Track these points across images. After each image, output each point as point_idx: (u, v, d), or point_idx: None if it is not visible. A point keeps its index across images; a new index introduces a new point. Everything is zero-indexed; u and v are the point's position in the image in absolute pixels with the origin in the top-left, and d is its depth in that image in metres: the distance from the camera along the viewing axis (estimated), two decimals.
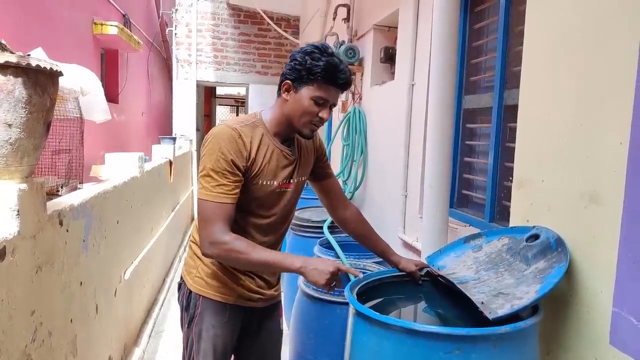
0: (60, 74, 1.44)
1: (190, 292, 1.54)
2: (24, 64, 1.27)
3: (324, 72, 1.37)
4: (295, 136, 1.54)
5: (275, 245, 1.57)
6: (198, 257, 1.55)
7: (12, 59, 1.25)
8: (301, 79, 1.40)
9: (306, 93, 1.40)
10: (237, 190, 1.38)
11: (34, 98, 1.33)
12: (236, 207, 1.41)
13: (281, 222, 1.54)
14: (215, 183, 1.35)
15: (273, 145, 1.46)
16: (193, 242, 1.58)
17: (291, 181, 1.52)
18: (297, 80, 1.41)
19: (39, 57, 1.37)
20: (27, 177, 1.40)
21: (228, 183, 1.35)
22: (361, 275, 1.45)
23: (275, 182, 1.46)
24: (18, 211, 1.32)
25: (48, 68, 1.35)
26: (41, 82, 1.35)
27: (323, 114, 1.42)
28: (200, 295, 1.53)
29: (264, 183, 1.45)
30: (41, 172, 2.23)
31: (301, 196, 3.18)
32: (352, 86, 4.09)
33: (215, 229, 1.33)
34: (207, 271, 1.52)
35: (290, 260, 1.37)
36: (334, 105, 1.45)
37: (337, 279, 1.37)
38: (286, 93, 1.44)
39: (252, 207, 1.46)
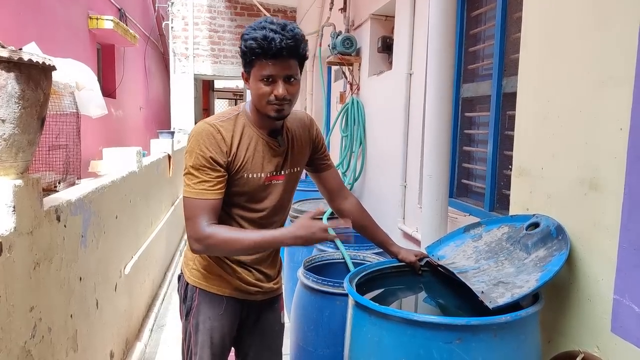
0: (53, 68, 1.43)
1: (188, 284, 1.54)
2: (15, 58, 1.25)
3: (256, 49, 1.27)
4: (285, 126, 1.50)
5: None
6: None
7: (4, 53, 1.24)
8: (246, 64, 1.35)
9: (254, 77, 1.34)
10: (220, 186, 1.36)
11: (27, 93, 1.31)
12: (227, 202, 1.41)
13: (275, 215, 1.51)
14: (196, 180, 1.34)
15: (257, 137, 1.43)
16: None
17: (282, 173, 1.48)
18: (245, 67, 1.36)
19: (31, 52, 1.35)
20: (22, 173, 1.38)
21: (209, 179, 1.34)
22: (343, 223, 1.39)
23: (262, 175, 1.43)
24: (14, 207, 1.31)
25: (41, 62, 1.33)
26: (34, 77, 1.33)
27: (276, 90, 1.31)
28: (197, 287, 1.52)
29: (250, 176, 1.42)
30: (38, 168, 2.21)
31: (301, 188, 3.15)
32: (350, 76, 4.06)
33: (198, 224, 1.32)
34: (203, 263, 1.52)
35: (280, 235, 1.36)
36: (290, 76, 1.33)
37: (324, 230, 1.32)
38: (246, 83, 1.40)
39: (242, 201, 1.44)
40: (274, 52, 1.27)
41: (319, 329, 1.94)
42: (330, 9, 4.42)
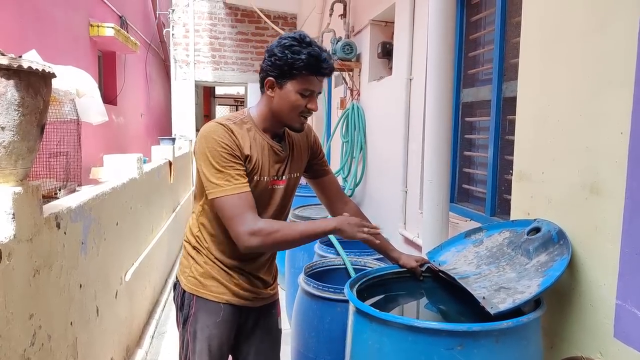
0: (53, 75, 1.43)
1: (184, 291, 1.53)
2: (15, 66, 1.26)
3: (307, 65, 1.35)
4: (286, 132, 1.52)
5: None
6: (191, 256, 1.54)
7: (4, 61, 1.24)
8: (284, 74, 1.37)
9: (291, 87, 1.38)
10: (246, 179, 1.38)
11: (26, 100, 1.31)
12: None
13: (275, 219, 1.51)
14: (228, 176, 1.34)
15: (263, 141, 1.44)
16: (186, 241, 1.57)
17: (283, 178, 1.49)
18: (280, 76, 1.38)
19: (31, 59, 1.35)
20: (22, 180, 1.38)
21: (238, 174, 1.35)
22: (378, 230, 1.46)
23: (267, 178, 1.45)
24: (13, 214, 1.31)
25: (40, 70, 1.34)
26: (34, 84, 1.34)
27: (311, 105, 1.41)
28: (194, 294, 1.51)
29: (259, 179, 1.43)
30: (38, 175, 2.22)
31: (302, 194, 3.14)
32: (350, 82, 4.08)
33: (248, 219, 1.32)
34: (200, 271, 1.51)
35: (326, 223, 1.39)
36: (320, 93, 1.44)
37: (367, 226, 1.41)
38: (270, 90, 1.42)
39: None
40: (326, 72, 1.39)
41: (320, 335, 1.93)
42: (330, 15, 4.43)
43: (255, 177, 1.42)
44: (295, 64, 1.34)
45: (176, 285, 1.59)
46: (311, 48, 1.36)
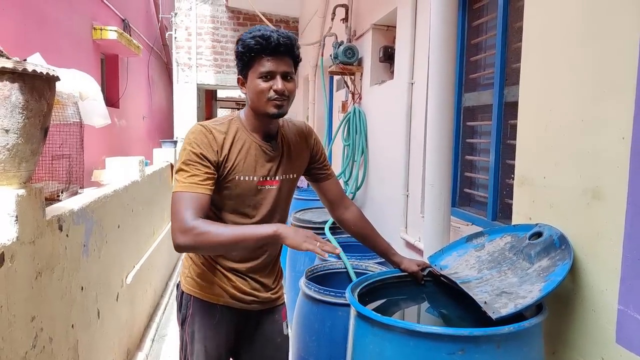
0: (57, 78, 1.44)
1: (183, 292, 1.54)
2: (20, 69, 1.27)
3: (255, 46, 1.35)
4: (280, 132, 1.52)
5: (268, 249, 1.53)
6: (190, 257, 1.55)
7: (8, 64, 1.25)
8: (244, 67, 1.40)
9: (252, 76, 1.39)
10: (210, 182, 1.36)
11: (30, 103, 1.32)
12: (220, 206, 1.43)
13: (270, 222, 1.47)
14: (186, 175, 1.35)
15: (251, 141, 1.45)
16: None
17: (275, 178, 1.48)
18: (242, 71, 1.42)
19: (35, 63, 1.36)
20: (25, 183, 1.39)
21: (199, 173, 1.35)
22: (338, 251, 1.34)
23: (254, 178, 1.44)
24: (16, 217, 1.31)
25: (44, 73, 1.35)
26: (38, 87, 1.34)
27: (275, 85, 1.37)
28: (191, 295, 1.52)
29: (242, 179, 1.42)
30: (41, 177, 2.22)
31: (303, 198, 3.13)
32: (352, 86, 4.08)
33: (184, 217, 1.29)
34: (197, 271, 1.51)
35: (263, 228, 1.31)
36: (287, 73, 1.39)
37: (316, 239, 1.27)
38: (243, 87, 1.45)
39: (235, 205, 1.44)
40: (272, 48, 1.35)
41: (321, 339, 1.92)
42: (332, 19, 4.44)
43: (236, 177, 1.42)
44: (246, 52, 1.37)
45: (178, 285, 1.60)
46: (257, 32, 1.36)
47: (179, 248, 1.30)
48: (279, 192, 1.50)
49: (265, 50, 1.36)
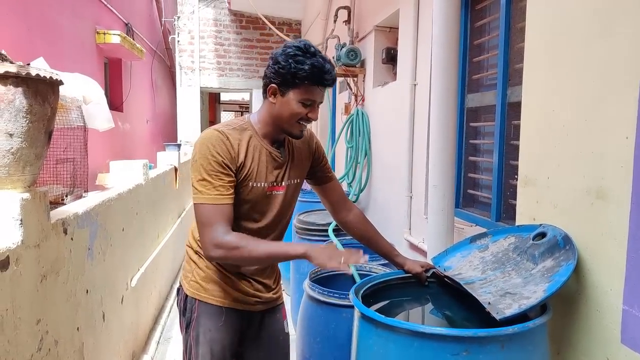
0: (60, 82, 1.44)
1: (187, 296, 1.54)
2: (23, 73, 1.27)
3: (310, 76, 1.35)
4: (286, 138, 1.53)
5: None
6: (193, 261, 1.55)
7: (12, 68, 1.26)
8: (287, 82, 1.38)
9: (293, 96, 1.39)
10: (232, 191, 1.38)
11: (34, 107, 1.33)
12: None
13: (275, 226, 1.52)
14: (211, 186, 1.35)
15: (262, 147, 1.45)
16: (188, 246, 1.59)
17: (282, 184, 1.50)
18: (282, 84, 1.39)
19: (39, 67, 1.37)
20: (29, 187, 1.40)
21: (223, 184, 1.36)
22: (365, 259, 1.35)
23: (265, 184, 1.46)
24: (21, 220, 1.32)
25: (48, 77, 1.35)
26: (41, 91, 1.35)
27: (312, 114, 1.42)
28: (196, 299, 1.52)
29: (255, 185, 1.44)
30: (46, 181, 2.24)
31: (306, 200, 3.13)
32: (354, 88, 4.09)
33: (217, 231, 1.33)
34: (202, 275, 1.52)
35: (294, 248, 1.39)
36: (321, 102, 1.46)
37: (340, 254, 1.31)
38: (272, 97, 1.43)
39: (245, 210, 1.45)
40: (328, 83, 1.40)
41: (325, 341, 1.92)
42: (335, 21, 4.45)
43: (250, 183, 1.43)
44: (299, 73, 1.35)
45: (179, 290, 1.60)
46: (315, 59, 1.37)
47: (211, 259, 1.41)
48: (285, 197, 1.52)
49: (319, 81, 1.38)
